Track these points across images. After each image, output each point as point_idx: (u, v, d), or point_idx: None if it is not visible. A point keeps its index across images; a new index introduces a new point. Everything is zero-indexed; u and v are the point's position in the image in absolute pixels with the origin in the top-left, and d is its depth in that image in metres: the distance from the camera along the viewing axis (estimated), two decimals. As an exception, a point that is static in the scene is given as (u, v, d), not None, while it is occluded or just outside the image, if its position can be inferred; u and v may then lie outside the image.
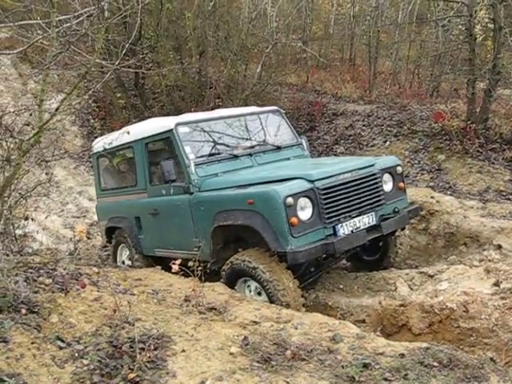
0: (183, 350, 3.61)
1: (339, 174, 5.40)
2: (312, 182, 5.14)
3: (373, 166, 5.76)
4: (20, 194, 4.12)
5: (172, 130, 6.01)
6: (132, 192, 6.95)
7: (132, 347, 3.50)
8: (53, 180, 6.93)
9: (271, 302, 5.02)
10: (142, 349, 3.50)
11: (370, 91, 13.33)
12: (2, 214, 3.58)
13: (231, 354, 3.61)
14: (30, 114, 4.06)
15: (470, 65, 10.21)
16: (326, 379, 3.37)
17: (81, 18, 4.09)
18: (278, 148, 6.59)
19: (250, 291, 5.34)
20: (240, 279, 5.35)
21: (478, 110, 9.95)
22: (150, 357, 3.44)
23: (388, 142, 9.79)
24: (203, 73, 13.35)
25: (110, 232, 7.57)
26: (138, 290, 5.07)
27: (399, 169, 6.07)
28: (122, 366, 3.34)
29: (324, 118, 11.62)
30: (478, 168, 8.91)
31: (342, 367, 3.51)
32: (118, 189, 7.38)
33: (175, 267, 4.74)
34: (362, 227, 5.46)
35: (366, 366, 3.53)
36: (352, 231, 5.34)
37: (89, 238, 8.74)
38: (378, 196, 5.69)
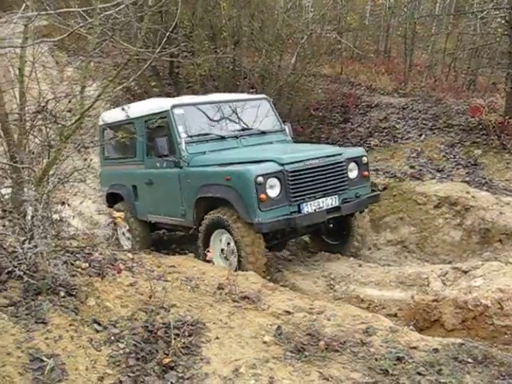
0: (217, 337, 3.65)
1: (307, 159, 6.13)
2: (282, 165, 5.91)
3: (340, 155, 6.45)
4: (59, 178, 4.18)
5: (168, 111, 6.74)
6: (131, 163, 7.67)
7: (167, 333, 3.54)
8: (90, 166, 7.23)
9: (237, 245, 5.90)
10: (177, 335, 3.54)
11: (405, 84, 13.13)
12: (42, 199, 3.65)
13: (265, 342, 3.63)
14: (69, 101, 4.13)
15: (509, 58, 9.97)
16: (359, 371, 3.37)
17: (122, 6, 4.12)
18: (263, 133, 7.30)
19: (221, 242, 6.25)
20: (215, 231, 6.21)
21: (516, 105, 9.72)
22: (184, 343, 3.48)
23: (423, 136, 9.64)
24: (238, 63, 13.31)
25: (111, 197, 8.27)
26: (171, 276, 5.11)
27: (364, 159, 6.73)
28: (157, 351, 3.38)
29: (358, 110, 11.49)
30: (515, 164, 8.73)
31: (376, 360, 3.50)
32: (119, 159, 8.05)
33: (209, 255, 4.85)
34: (324, 207, 6.20)
35: (399, 359, 3.51)
36: (315, 210, 6.11)
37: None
38: (342, 181, 6.39)
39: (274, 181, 5.84)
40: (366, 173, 6.71)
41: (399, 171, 8.62)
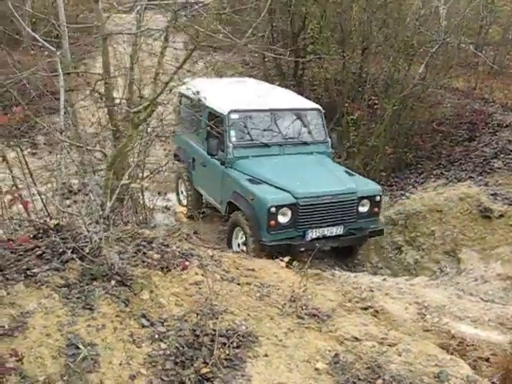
0: (266, 355, 3.35)
1: (321, 196, 6.97)
2: (296, 198, 6.84)
3: (354, 193, 7.20)
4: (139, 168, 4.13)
5: (225, 115, 7.61)
6: (196, 138, 8.45)
7: (213, 340, 3.31)
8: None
9: (246, 241, 7.01)
10: (224, 344, 3.31)
11: (546, 105, 11.91)
12: (111, 184, 3.57)
13: (316, 369, 3.28)
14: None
15: None
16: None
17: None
18: (305, 143, 8.05)
19: (237, 238, 7.31)
20: (236, 228, 7.29)
21: None
22: (228, 354, 3.23)
23: (555, 163, 8.64)
24: (365, 69, 12.85)
25: (177, 155, 9.28)
26: (246, 280, 4.88)
27: (378, 198, 7.49)
28: (197, 358, 3.17)
29: (487, 129, 10.56)
30: None
31: (440, 413, 3.03)
32: (189, 129, 8.72)
33: (282, 264, 4.57)
34: (328, 235, 7.08)
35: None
36: (318, 237, 6.99)
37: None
38: (350, 215, 7.18)
39: (286, 210, 6.79)
40: (376, 209, 7.51)
41: (521, 199, 7.76)
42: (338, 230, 7.12)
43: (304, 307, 4.26)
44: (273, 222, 6.68)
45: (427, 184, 9.34)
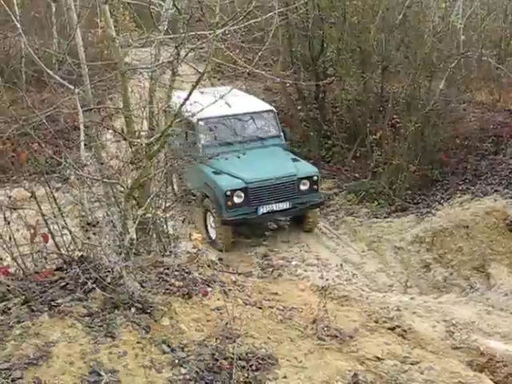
0: (285, 377, 3.38)
1: (267, 179, 8.98)
2: (246, 183, 8.86)
3: (294, 175, 9.18)
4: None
5: (194, 123, 9.29)
6: (181, 142, 9.33)
7: (232, 364, 3.35)
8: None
9: (215, 225, 9.10)
10: (243, 367, 3.35)
11: None
12: (126, 214, 3.68)
13: (335, 389, 3.30)
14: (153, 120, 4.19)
15: None
16: None
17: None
18: (262, 138, 10.00)
19: (209, 220, 9.28)
20: (207, 213, 9.29)
21: None
22: (247, 377, 3.27)
23: None
24: (386, 88, 12.86)
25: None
26: (268, 303, 4.90)
27: (315, 178, 9.41)
28: (216, 382, 3.21)
29: (513, 141, 10.47)
30: None
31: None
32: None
33: (301, 286, 4.58)
34: (276, 209, 9.07)
35: None
36: (268, 212, 9.04)
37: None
38: (293, 193, 9.13)
39: (239, 193, 8.78)
40: (315, 186, 9.37)
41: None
42: (284, 205, 9.06)
43: (326, 328, 4.27)
44: (229, 203, 8.65)
45: (453, 200, 9.26)
